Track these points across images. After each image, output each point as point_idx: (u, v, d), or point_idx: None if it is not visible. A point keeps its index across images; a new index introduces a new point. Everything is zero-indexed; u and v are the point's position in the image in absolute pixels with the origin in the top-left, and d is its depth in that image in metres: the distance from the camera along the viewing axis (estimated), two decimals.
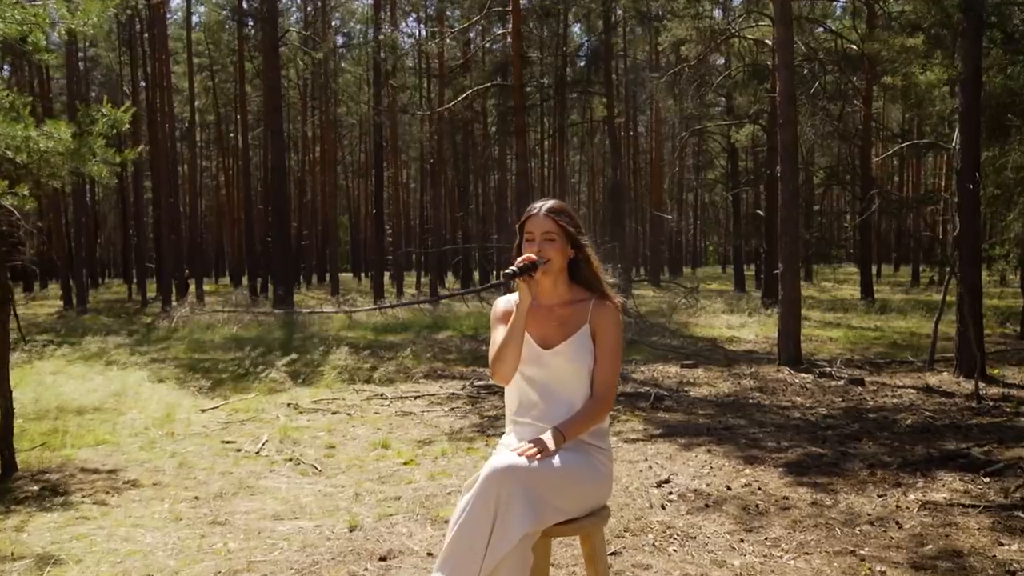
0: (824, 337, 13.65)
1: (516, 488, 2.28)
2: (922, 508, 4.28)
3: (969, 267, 8.52)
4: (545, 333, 2.62)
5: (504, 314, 2.71)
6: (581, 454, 2.51)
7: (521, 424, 2.64)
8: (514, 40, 13.53)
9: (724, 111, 32.93)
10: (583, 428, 2.52)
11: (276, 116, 22.51)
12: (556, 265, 2.62)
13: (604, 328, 2.59)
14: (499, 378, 2.61)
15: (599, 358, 2.58)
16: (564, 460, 2.42)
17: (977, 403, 7.32)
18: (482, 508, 2.29)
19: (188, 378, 9.60)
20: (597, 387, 2.57)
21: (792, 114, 10.23)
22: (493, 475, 2.31)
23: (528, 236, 2.64)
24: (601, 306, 2.63)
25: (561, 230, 2.62)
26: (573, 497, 2.42)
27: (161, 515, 4.51)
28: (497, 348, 2.59)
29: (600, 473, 2.54)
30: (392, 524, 4.33)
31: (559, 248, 2.61)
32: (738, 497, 4.62)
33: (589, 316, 2.62)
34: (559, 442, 2.45)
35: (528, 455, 2.37)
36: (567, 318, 2.63)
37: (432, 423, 7.08)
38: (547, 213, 2.63)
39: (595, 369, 2.58)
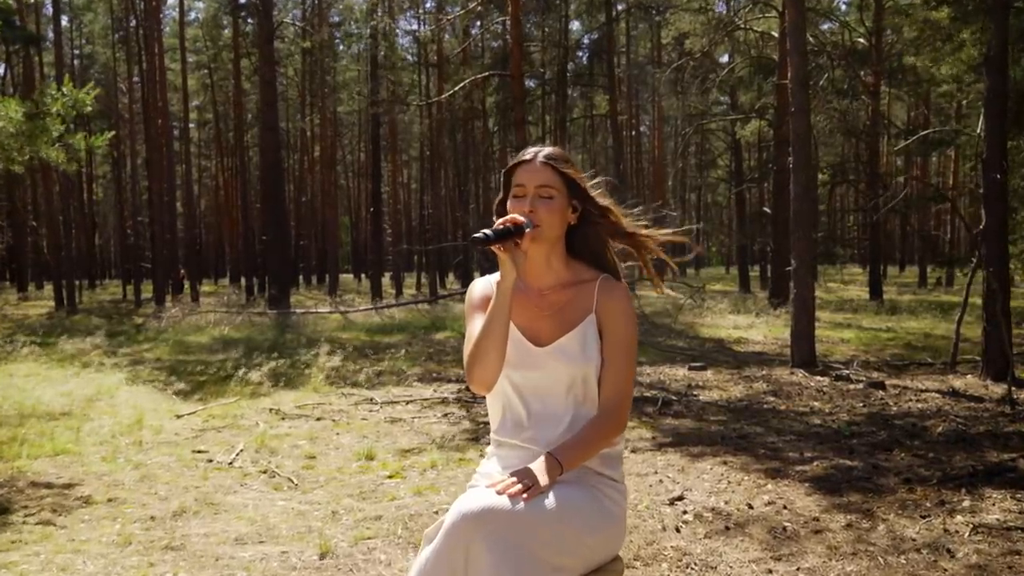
0: (835, 338, 13.13)
1: (493, 541, 1.66)
2: (975, 532, 3.74)
3: (996, 263, 7.97)
4: (537, 325, 1.99)
5: (483, 300, 2.05)
6: (585, 490, 1.88)
7: (505, 447, 2.01)
8: (513, 28, 13.02)
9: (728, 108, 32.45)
10: (587, 453, 1.89)
11: (271, 112, 22.02)
12: (552, 232, 1.96)
13: (615, 318, 1.96)
14: (477, 384, 1.95)
15: (608, 358, 1.95)
16: (562, 499, 1.78)
17: (1011, 408, 6.78)
18: (446, 568, 1.71)
19: (167, 381, 9.09)
20: (606, 397, 1.94)
21: (805, 102, 9.70)
22: (461, 523, 1.69)
23: (517, 190, 1.97)
24: (610, 289, 1.99)
25: (564, 184, 1.97)
26: (574, 551, 1.78)
27: (109, 538, 3.98)
28: (473, 344, 1.92)
29: (611, 516, 1.89)
30: (369, 549, 3.81)
31: (558, 209, 1.95)
32: (762, 518, 4.09)
33: (595, 302, 1.98)
34: (554, 473, 1.81)
35: (511, 493, 1.72)
36: (565, 305, 1.99)
37: (423, 430, 6.56)
38: (546, 160, 1.97)
39: (603, 373, 1.95)
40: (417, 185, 54.00)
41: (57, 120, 5.21)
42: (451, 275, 40.52)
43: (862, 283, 32.23)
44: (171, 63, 37.05)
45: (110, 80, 36.87)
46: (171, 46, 36.85)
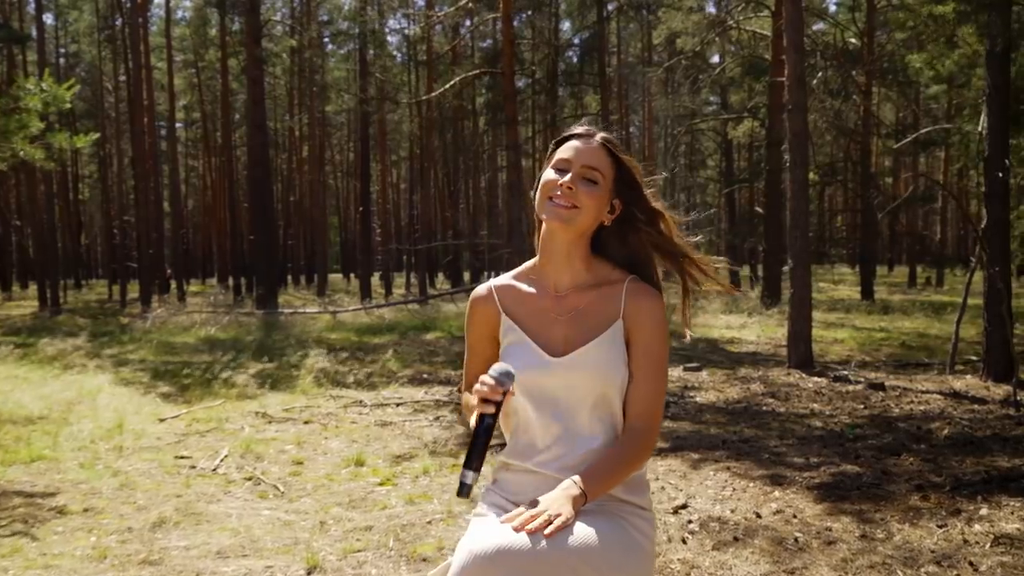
0: (829, 338, 13.01)
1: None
2: (995, 543, 3.57)
3: (999, 261, 7.83)
4: (553, 332, 1.73)
5: (481, 314, 1.82)
6: (611, 521, 1.62)
7: (516, 471, 1.75)
8: (504, 25, 12.82)
9: (719, 108, 32.35)
10: (614, 480, 1.64)
11: (258, 110, 21.75)
12: (585, 222, 1.70)
13: (645, 325, 1.71)
14: None
15: (637, 372, 1.70)
16: (586, 534, 1.52)
17: (1016, 411, 6.64)
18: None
19: (151, 383, 8.86)
20: (634, 416, 1.70)
21: (802, 99, 9.55)
22: (473, 566, 1.44)
23: (560, 164, 1.71)
24: (640, 292, 1.74)
25: (614, 173, 1.72)
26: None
27: (83, 552, 3.77)
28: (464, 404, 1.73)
29: (640, 550, 1.64)
30: (359, 563, 3.61)
31: (597, 199, 1.70)
32: (770, 527, 3.91)
33: (623, 307, 1.73)
34: (578, 504, 1.55)
35: (531, 529, 1.47)
36: (587, 309, 1.74)
37: (414, 434, 6.35)
38: (604, 140, 1.73)
39: (631, 388, 1.70)
40: (406, 185, 53.74)
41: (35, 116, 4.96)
42: (441, 275, 40.33)
43: (852, 283, 32.20)
44: (157, 62, 36.68)
45: (96, 79, 36.46)
46: (158, 44, 36.48)
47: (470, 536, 1.58)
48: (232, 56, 33.21)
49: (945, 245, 39.24)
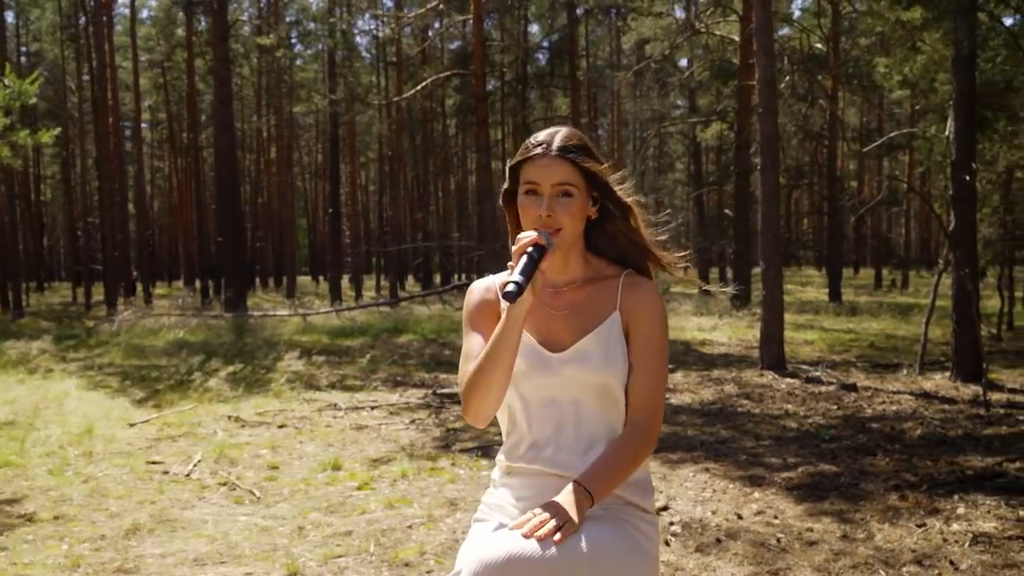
0: (799, 339, 13.13)
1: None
2: (974, 542, 3.61)
3: (968, 263, 7.95)
4: (551, 328, 1.71)
5: (482, 308, 1.77)
6: (616, 526, 1.60)
7: (518, 473, 1.71)
8: (475, 27, 12.80)
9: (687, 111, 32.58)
10: (619, 479, 1.60)
11: (226, 110, 21.52)
12: (572, 235, 1.68)
13: (644, 317, 1.69)
14: (472, 417, 1.65)
15: (637, 363, 1.67)
16: (594, 540, 1.50)
17: (986, 410, 6.74)
18: None
19: (120, 387, 8.70)
20: (636, 409, 1.66)
21: (772, 103, 9.64)
22: (487, 574, 1.43)
23: (529, 187, 1.67)
24: (637, 284, 1.73)
25: (584, 179, 1.68)
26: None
27: (55, 561, 3.68)
28: (473, 372, 1.62)
29: (646, 555, 1.62)
30: (340, 569, 3.56)
31: (578, 208, 1.67)
32: (752, 529, 3.92)
33: (619, 301, 1.71)
34: (585, 506, 1.53)
35: (540, 535, 1.45)
36: (584, 304, 1.72)
37: (390, 437, 6.30)
38: (561, 152, 1.65)
39: (631, 381, 1.67)
40: (375, 187, 53.45)
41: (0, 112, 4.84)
42: (410, 277, 40.15)
43: (819, 285, 32.56)
44: (122, 61, 36.15)
45: (59, 78, 35.83)
46: (122, 44, 35.96)
47: (478, 542, 1.55)
48: (198, 56, 32.83)
49: (909, 248, 39.87)
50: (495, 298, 1.77)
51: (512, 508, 1.67)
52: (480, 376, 1.61)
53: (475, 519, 1.73)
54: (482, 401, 1.62)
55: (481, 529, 1.66)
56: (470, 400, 1.64)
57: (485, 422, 1.68)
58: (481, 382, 1.61)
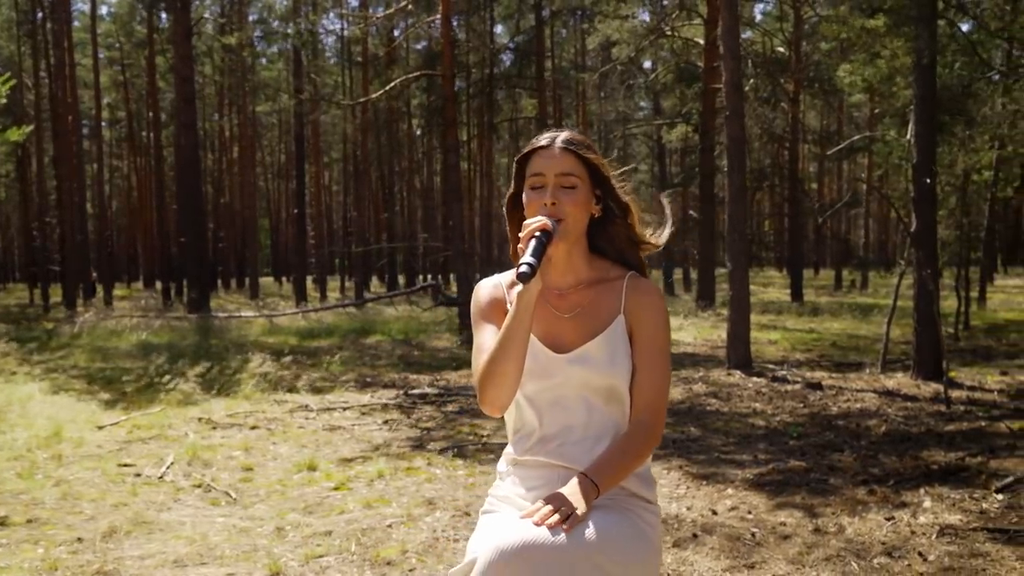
0: (764, 339, 13.33)
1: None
2: (941, 534, 3.73)
3: (929, 264, 8.16)
4: (557, 330, 1.77)
5: (491, 305, 1.82)
6: (621, 515, 1.67)
7: (525, 466, 1.77)
8: (444, 27, 12.79)
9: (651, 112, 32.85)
10: (624, 472, 1.67)
11: (188, 108, 21.27)
12: (576, 226, 1.75)
13: (647, 319, 1.75)
14: (489, 406, 1.70)
15: (640, 365, 1.74)
16: (601, 528, 1.57)
17: (947, 407, 6.92)
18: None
19: (86, 390, 8.58)
20: (640, 407, 1.73)
21: (739, 106, 9.79)
22: (501, 561, 1.47)
23: (534, 181, 1.74)
24: (641, 287, 1.79)
25: (587, 171, 1.75)
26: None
27: (32, 564, 3.64)
28: (487, 361, 1.68)
29: (649, 543, 1.68)
30: (323, 568, 3.57)
31: (582, 200, 1.74)
32: (727, 524, 4.01)
33: (623, 302, 1.77)
34: (591, 497, 1.60)
35: (551, 524, 1.51)
36: (589, 307, 1.78)
37: (364, 438, 6.31)
38: (565, 145, 1.74)
39: (635, 380, 1.74)
40: (339, 187, 53.07)
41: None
42: (375, 278, 39.96)
43: (780, 285, 33.02)
44: (81, 58, 35.53)
45: (15, 75, 35.07)
46: (81, 40, 35.33)
47: (493, 531, 1.59)
48: (159, 54, 32.39)
49: (868, 249, 40.60)
50: (502, 295, 1.82)
51: (520, 499, 1.73)
52: (494, 365, 1.66)
53: (483, 511, 1.79)
54: (499, 389, 1.67)
55: (491, 520, 1.71)
56: (486, 389, 1.68)
57: (502, 411, 1.73)
58: (496, 370, 1.66)
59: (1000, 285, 29.95)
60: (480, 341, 1.77)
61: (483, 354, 1.72)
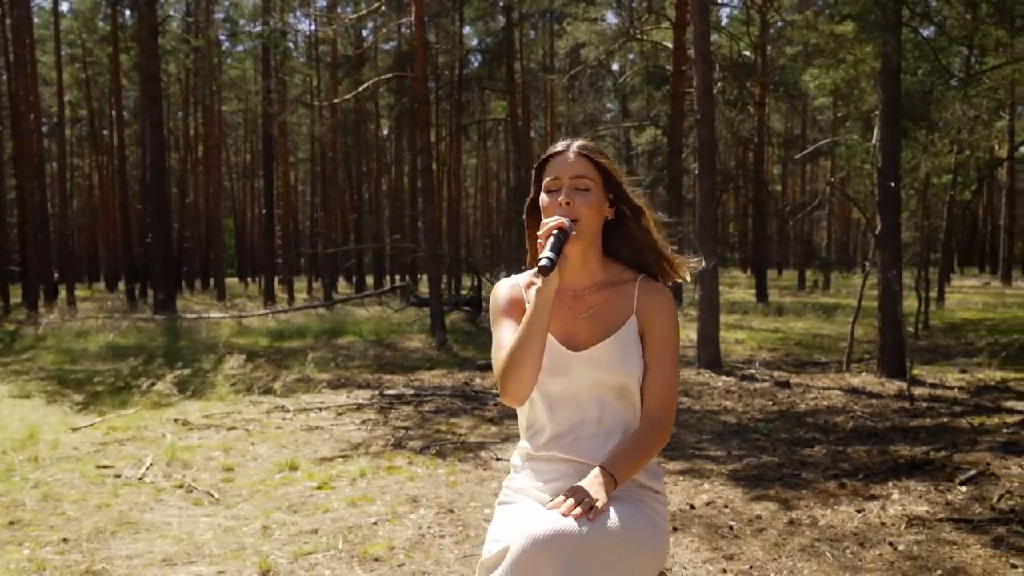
0: (731, 339, 13.56)
1: (564, 566, 1.56)
2: (909, 525, 3.89)
3: (893, 265, 8.39)
4: (572, 329, 1.86)
5: (510, 304, 1.92)
6: (635, 506, 1.77)
7: (541, 460, 1.87)
8: (417, 28, 12.82)
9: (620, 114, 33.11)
10: (638, 466, 1.78)
11: (155, 107, 21.02)
12: (590, 227, 1.84)
13: (658, 321, 1.85)
14: (511, 398, 1.79)
15: (652, 364, 1.83)
16: (618, 518, 1.67)
17: (910, 404, 7.14)
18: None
19: (57, 392, 8.50)
20: (652, 406, 1.83)
21: (710, 109, 9.96)
22: (532, 548, 1.56)
23: (550, 184, 1.85)
24: (652, 290, 1.89)
25: (600, 176, 1.86)
26: (631, 571, 1.67)
27: (19, 565, 3.65)
28: (508, 355, 1.77)
29: (660, 531, 1.80)
30: (312, 565, 3.63)
31: (595, 202, 1.84)
32: (704, 517, 4.13)
33: (635, 303, 1.87)
34: (609, 489, 1.70)
35: (577, 515, 1.61)
36: (603, 308, 1.87)
37: (343, 438, 6.35)
38: (579, 151, 1.86)
39: (647, 379, 1.83)
40: (304, 188, 52.70)
41: None
42: (341, 279, 39.78)
43: (745, 286, 33.46)
44: (41, 56, 34.93)
45: None
46: (41, 37, 34.75)
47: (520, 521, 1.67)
48: (123, 51, 31.96)
49: (830, 250, 41.26)
50: (520, 295, 1.92)
51: (536, 491, 1.82)
52: (515, 358, 1.75)
53: (499, 502, 1.87)
54: (519, 381, 1.76)
55: (509, 511, 1.80)
56: (507, 381, 1.77)
57: (522, 401, 1.82)
58: (517, 363, 1.75)
59: (957, 285, 30.65)
60: (499, 338, 1.86)
61: (503, 350, 1.81)
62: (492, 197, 48.84)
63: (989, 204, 49.72)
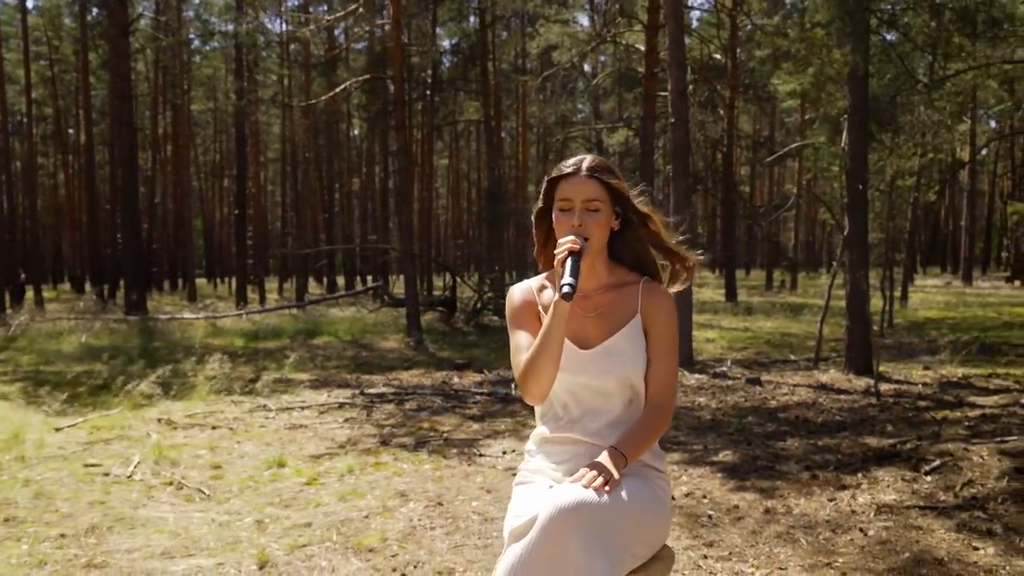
0: (702, 338, 13.80)
1: (585, 531, 1.74)
2: (878, 512, 4.09)
3: (861, 266, 8.65)
4: (582, 328, 2.05)
5: (525, 307, 2.10)
6: (643, 481, 1.96)
7: (555, 443, 2.07)
8: (394, 30, 12.91)
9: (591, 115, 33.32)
10: (645, 447, 1.97)
11: (126, 107, 20.89)
12: (598, 244, 2.04)
13: (659, 319, 2.04)
14: (531, 397, 1.98)
15: (655, 357, 2.03)
16: (630, 491, 1.87)
17: (877, 399, 7.39)
18: (554, 559, 1.74)
19: (35, 393, 8.49)
20: (655, 393, 2.03)
21: (684, 113, 10.17)
22: (558, 516, 1.74)
23: (563, 204, 2.02)
24: (653, 291, 2.08)
25: (610, 196, 2.02)
26: (644, 538, 1.88)
27: (20, 560, 3.73)
28: (529, 360, 1.95)
29: (664, 504, 2.00)
30: (308, 556, 3.75)
31: (604, 221, 2.02)
32: (685, 507, 4.31)
33: (639, 304, 2.06)
34: (621, 466, 1.90)
35: (596, 487, 1.80)
36: (610, 308, 2.06)
37: (327, 436, 6.45)
38: (590, 173, 2.01)
39: (650, 370, 2.03)
40: (273, 188, 52.34)
41: None
42: (311, 280, 39.64)
43: (713, 286, 33.88)
44: (6, 52, 34.41)
45: None
46: (7, 34, 34.27)
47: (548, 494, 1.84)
48: (91, 50, 31.62)
49: (797, 250, 41.83)
50: (533, 298, 2.10)
51: (551, 471, 2.02)
52: (534, 363, 1.94)
53: (517, 483, 2.07)
54: (539, 385, 1.95)
55: (529, 489, 1.99)
56: (528, 383, 1.95)
57: (542, 400, 2.00)
58: (536, 368, 1.94)
59: (920, 285, 31.32)
60: (517, 341, 2.05)
61: (522, 352, 2.01)
62: (463, 198, 48.97)
63: (951, 206, 50.79)
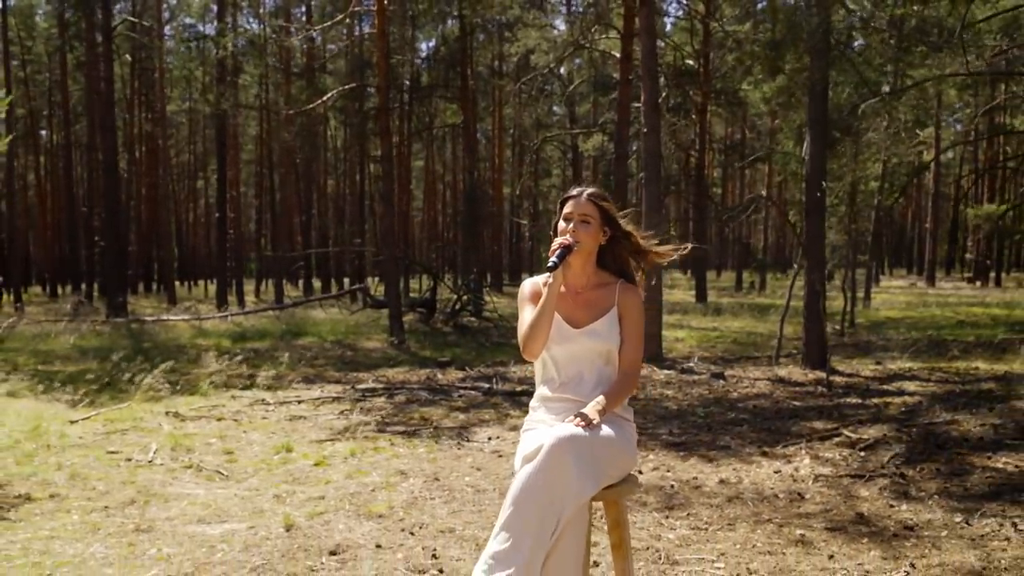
0: (672, 337, 14.44)
1: (579, 455, 2.42)
2: (816, 480, 4.76)
3: (817, 268, 9.36)
4: (574, 313, 2.78)
5: (532, 294, 2.83)
6: (617, 426, 2.66)
7: (551, 400, 2.78)
8: (379, 40, 13.45)
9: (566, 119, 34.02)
10: (618, 402, 2.69)
11: (108, 111, 21.25)
12: (587, 248, 2.75)
13: (631, 311, 2.77)
14: (529, 353, 2.72)
15: (627, 338, 2.76)
16: (607, 431, 2.56)
17: (828, 390, 8.09)
18: (554, 473, 2.39)
19: (45, 390, 8.96)
20: (626, 365, 2.76)
21: (656, 122, 10.84)
22: (559, 444, 2.41)
23: (566, 216, 2.77)
24: (628, 290, 2.80)
25: (600, 215, 2.77)
26: (617, 464, 2.58)
27: (75, 527, 4.28)
28: (528, 325, 2.71)
29: (631, 442, 2.73)
30: (327, 521, 4.33)
31: (592, 232, 2.75)
32: (652, 482, 4.94)
33: (616, 299, 2.78)
34: (601, 414, 2.59)
35: (584, 425, 2.50)
36: (595, 301, 2.78)
37: (326, 425, 7.02)
38: (589, 197, 2.78)
39: (623, 349, 2.76)
40: (247, 188, 52.53)
41: None
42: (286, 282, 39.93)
43: (684, 287, 34.68)
44: None
45: None
46: None
47: (551, 430, 2.50)
48: (68, 51, 31.80)
49: (767, 252, 42.82)
50: (539, 289, 2.83)
51: (550, 420, 2.72)
52: (534, 327, 2.70)
53: (524, 431, 2.78)
54: (535, 343, 2.70)
55: (533, 433, 2.67)
56: (528, 343, 2.71)
57: (536, 357, 2.75)
58: (534, 331, 2.70)
59: (885, 286, 32.32)
60: (524, 316, 2.79)
61: (525, 324, 2.74)
62: (439, 200, 49.47)
63: (917, 209, 52.13)
